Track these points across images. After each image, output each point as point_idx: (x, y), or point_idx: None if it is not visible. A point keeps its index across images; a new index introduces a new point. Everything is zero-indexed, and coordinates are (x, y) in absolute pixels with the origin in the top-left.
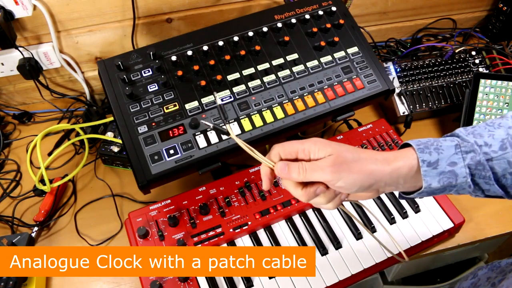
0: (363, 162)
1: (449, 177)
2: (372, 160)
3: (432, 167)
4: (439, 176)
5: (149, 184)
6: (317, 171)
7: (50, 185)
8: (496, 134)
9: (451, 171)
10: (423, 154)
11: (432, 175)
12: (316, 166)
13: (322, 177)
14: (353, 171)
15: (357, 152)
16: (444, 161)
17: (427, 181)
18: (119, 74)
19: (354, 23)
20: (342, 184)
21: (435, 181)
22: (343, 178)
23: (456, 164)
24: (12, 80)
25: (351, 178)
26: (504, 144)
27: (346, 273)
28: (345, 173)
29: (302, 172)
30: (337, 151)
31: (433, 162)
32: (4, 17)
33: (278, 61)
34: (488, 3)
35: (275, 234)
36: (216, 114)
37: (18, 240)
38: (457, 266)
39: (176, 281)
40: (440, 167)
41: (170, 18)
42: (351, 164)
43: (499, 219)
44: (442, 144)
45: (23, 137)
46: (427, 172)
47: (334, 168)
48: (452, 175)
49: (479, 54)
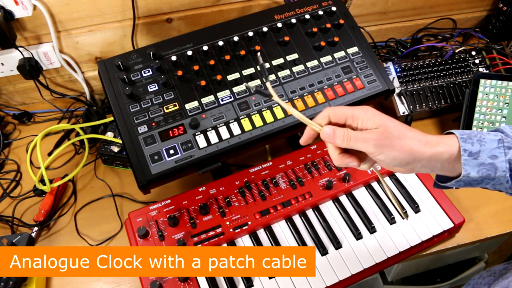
0: (406, 141)
1: (489, 169)
2: (416, 140)
3: (473, 157)
4: (479, 167)
5: (149, 184)
6: (360, 142)
7: (50, 185)
8: None
9: (491, 164)
10: (465, 143)
11: (472, 165)
12: (361, 137)
13: (365, 148)
14: (395, 148)
15: (403, 129)
16: (485, 153)
17: (466, 170)
18: (119, 74)
19: (354, 23)
20: (382, 158)
21: (474, 171)
22: (384, 153)
23: (497, 158)
24: (12, 80)
25: (392, 154)
26: None
27: (346, 273)
28: (387, 149)
29: (346, 140)
30: (384, 125)
31: (474, 152)
32: (4, 17)
33: (278, 61)
34: (488, 3)
35: (275, 234)
36: (216, 114)
37: (18, 240)
38: (457, 266)
39: (176, 281)
40: (480, 158)
41: (170, 18)
42: (395, 141)
43: (499, 219)
44: (485, 137)
45: (23, 137)
46: (467, 161)
47: (378, 142)
48: (492, 168)
49: (479, 54)
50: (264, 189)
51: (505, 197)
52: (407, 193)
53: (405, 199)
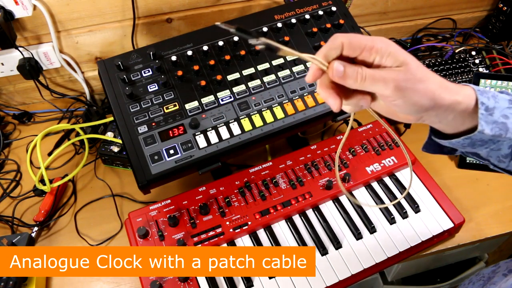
0: (430, 84)
1: (501, 129)
2: (438, 84)
3: (489, 113)
4: (493, 124)
5: (149, 184)
6: (378, 83)
7: (50, 185)
8: None
9: (503, 123)
10: (482, 97)
11: (487, 121)
12: (380, 76)
13: (382, 91)
14: (417, 91)
15: (426, 71)
16: (498, 111)
17: (482, 125)
18: (119, 74)
19: (354, 23)
20: (400, 103)
21: (489, 128)
22: (405, 97)
23: (508, 118)
24: (12, 80)
25: (413, 99)
26: None
27: (346, 273)
28: (409, 92)
29: (360, 80)
30: (408, 64)
31: (490, 107)
32: (4, 17)
33: (278, 61)
34: (488, 3)
35: (275, 234)
36: (216, 114)
37: (18, 240)
38: (457, 266)
39: (176, 281)
40: (495, 116)
41: (170, 18)
42: (418, 84)
43: (499, 219)
44: (498, 95)
45: (23, 137)
46: (484, 116)
47: (400, 84)
48: (504, 127)
49: (479, 54)
50: (264, 189)
51: (505, 197)
52: (407, 193)
53: (405, 199)
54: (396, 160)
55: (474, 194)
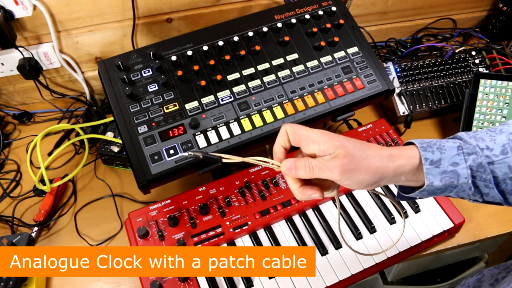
0: (370, 160)
1: (451, 177)
2: (378, 157)
3: (435, 166)
4: (441, 175)
5: (149, 184)
6: (325, 171)
7: (50, 185)
8: (497, 139)
9: (453, 171)
10: (426, 152)
11: (435, 174)
12: (324, 166)
13: (331, 177)
14: (361, 171)
15: (363, 148)
16: (446, 161)
17: (429, 179)
18: (119, 74)
19: (354, 23)
20: (349, 183)
21: (437, 179)
22: (351, 178)
23: (458, 165)
24: (12, 80)
25: (359, 178)
26: (505, 148)
27: (346, 273)
28: (354, 173)
29: (309, 171)
30: (344, 147)
31: (435, 160)
32: (4, 17)
33: (278, 61)
34: (488, 3)
35: (275, 234)
36: (216, 114)
37: (18, 240)
38: (457, 266)
39: (176, 281)
40: (442, 166)
41: (170, 18)
42: (359, 163)
43: (499, 219)
44: (445, 145)
45: (23, 137)
46: (429, 170)
47: (343, 168)
48: (454, 175)
49: (479, 54)
50: (264, 189)
51: None
52: None
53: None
54: None
55: None
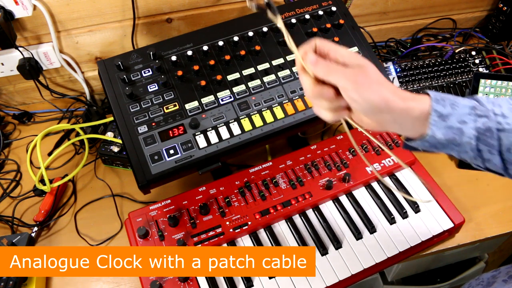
0: (384, 87)
1: (455, 133)
2: (392, 91)
3: (442, 119)
4: (446, 129)
5: (149, 184)
6: (339, 74)
7: (50, 185)
8: None
9: (459, 128)
10: (437, 104)
11: (440, 126)
12: (341, 70)
13: (342, 82)
14: (371, 90)
15: (382, 76)
16: (455, 117)
17: (432, 130)
18: (119, 74)
19: (354, 23)
20: (356, 97)
21: (441, 132)
22: (359, 91)
23: (466, 124)
24: (12, 80)
25: (366, 95)
26: None
27: (346, 273)
28: (363, 88)
29: (326, 69)
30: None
31: (444, 114)
32: (4, 17)
33: (278, 61)
34: (488, 3)
35: (275, 234)
36: (216, 114)
37: (18, 240)
38: (457, 266)
39: (176, 281)
40: (449, 121)
41: (170, 18)
42: (373, 84)
43: (499, 219)
44: (459, 102)
45: (23, 137)
46: (435, 122)
47: (356, 77)
48: (458, 132)
49: (479, 54)
50: (264, 189)
51: (505, 197)
52: (407, 193)
53: (405, 199)
54: (396, 160)
55: (474, 194)
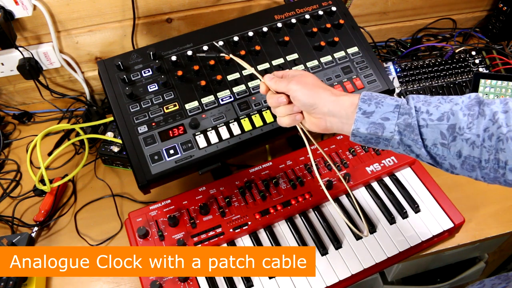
0: (316, 86)
1: (377, 128)
2: (324, 88)
3: (366, 116)
4: (369, 124)
5: (149, 184)
6: (283, 83)
7: (50, 185)
8: (442, 107)
9: (380, 124)
10: (363, 104)
11: (363, 122)
12: (287, 79)
13: (285, 87)
14: (305, 87)
15: (319, 81)
16: (378, 114)
17: (356, 125)
18: (119, 74)
19: (354, 23)
20: (293, 91)
21: (364, 127)
22: (296, 88)
23: (388, 120)
24: (12, 80)
25: (301, 90)
26: (443, 116)
27: (346, 273)
28: (300, 86)
29: (275, 82)
30: (303, 74)
31: (368, 112)
32: (4, 17)
33: (278, 61)
34: (488, 3)
35: (275, 234)
36: (216, 114)
37: (18, 240)
38: (457, 266)
39: (176, 281)
40: (372, 118)
41: (170, 18)
42: (308, 84)
43: (499, 219)
44: (385, 101)
45: (23, 137)
46: (359, 118)
47: (294, 81)
48: (380, 127)
49: (479, 54)
50: (264, 189)
51: (505, 197)
52: (407, 193)
53: (405, 199)
54: (396, 160)
55: (474, 194)
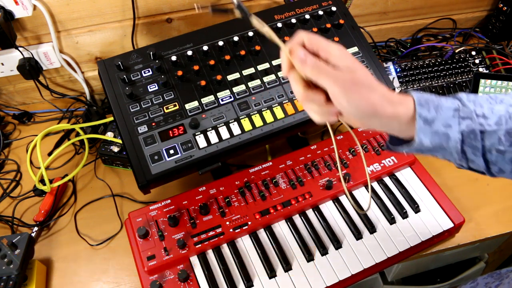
0: (373, 92)
1: (441, 138)
2: (381, 95)
3: (428, 124)
4: (432, 135)
5: (149, 184)
6: (329, 78)
7: (50, 185)
8: (495, 108)
9: (445, 133)
10: (422, 108)
11: (426, 132)
12: (332, 73)
13: (330, 86)
14: (360, 96)
15: (372, 80)
16: (440, 121)
17: (420, 137)
18: (119, 74)
19: (354, 23)
20: (345, 103)
21: (428, 139)
22: (348, 97)
23: (451, 127)
24: (12, 80)
25: (355, 102)
26: (500, 120)
27: (346, 273)
28: (353, 94)
29: (316, 70)
30: (356, 70)
31: (430, 119)
32: (4, 17)
33: (278, 61)
34: (488, 3)
35: (275, 234)
36: (216, 114)
37: (18, 240)
38: (457, 266)
39: (176, 281)
40: (435, 126)
41: (170, 18)
42: (362, 89)
43: (499, 219)
44: (443, 104)
45: (23, 137)
46: (422, 128)
47: (347, 84)
48: (445, 138)
49: (479, 54)
50: (264, 189)
51: (505, 197)
52: (407, 193)
53: (405, 199)
54: (396, 160)
55: (474, 194)
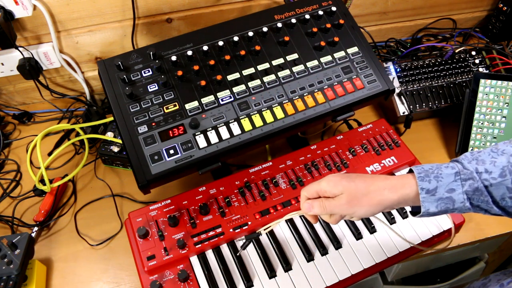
0: (372, 196)
1: (447, 203)
2: (380, 191)
3: (430, 194)
4: (437, 202)
5: (149, 184)
6: (335, 208)
7: (50, 185)
8: (498, 161)
9: (448, 198)
10: (423, 182)
11: (430, 201)
12: (333, 204)
13: (340, 212)
14: (364, 205)
15: (366, 184)
16: (442, 188)
17: (425, 207)
18: (119, 74)
19: (354, 23)
20: (355, 216)
21: (433, 206)
22: (356, 211)
23: (454, 191)
24: (12, 80)
25: (363, 210)
26: (504, 171)
27: (346, 273)
28: (357, 208)
29: (323, 209)
30: (347, 190)
31: (431, 189)
32: (4, 17)
33: (278, 61)
34: (488, 3)
35: (275, 234)
36: (216, 114)
37: (18, 240)
38: (457, 266)
39: (176, 281)
40: (438, 194)
41: (170, 18)
42: (362, 199)
43: (499, 219)
44: (443, 172)
45: (23, 137)
46: (425, 198)
47: (348, 205)
48: (450, 201)
49: (479, 54)
50: (264, 189)
51: None
52: None
53: None
54: (396, 160)
55: None
